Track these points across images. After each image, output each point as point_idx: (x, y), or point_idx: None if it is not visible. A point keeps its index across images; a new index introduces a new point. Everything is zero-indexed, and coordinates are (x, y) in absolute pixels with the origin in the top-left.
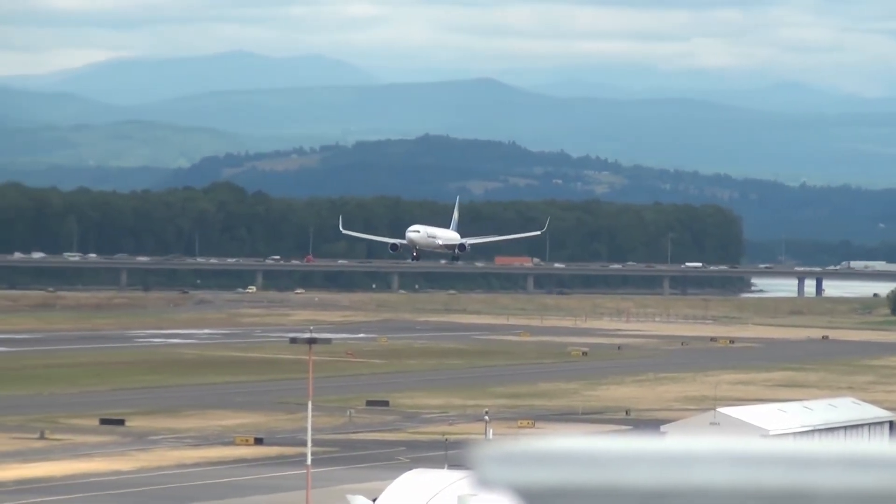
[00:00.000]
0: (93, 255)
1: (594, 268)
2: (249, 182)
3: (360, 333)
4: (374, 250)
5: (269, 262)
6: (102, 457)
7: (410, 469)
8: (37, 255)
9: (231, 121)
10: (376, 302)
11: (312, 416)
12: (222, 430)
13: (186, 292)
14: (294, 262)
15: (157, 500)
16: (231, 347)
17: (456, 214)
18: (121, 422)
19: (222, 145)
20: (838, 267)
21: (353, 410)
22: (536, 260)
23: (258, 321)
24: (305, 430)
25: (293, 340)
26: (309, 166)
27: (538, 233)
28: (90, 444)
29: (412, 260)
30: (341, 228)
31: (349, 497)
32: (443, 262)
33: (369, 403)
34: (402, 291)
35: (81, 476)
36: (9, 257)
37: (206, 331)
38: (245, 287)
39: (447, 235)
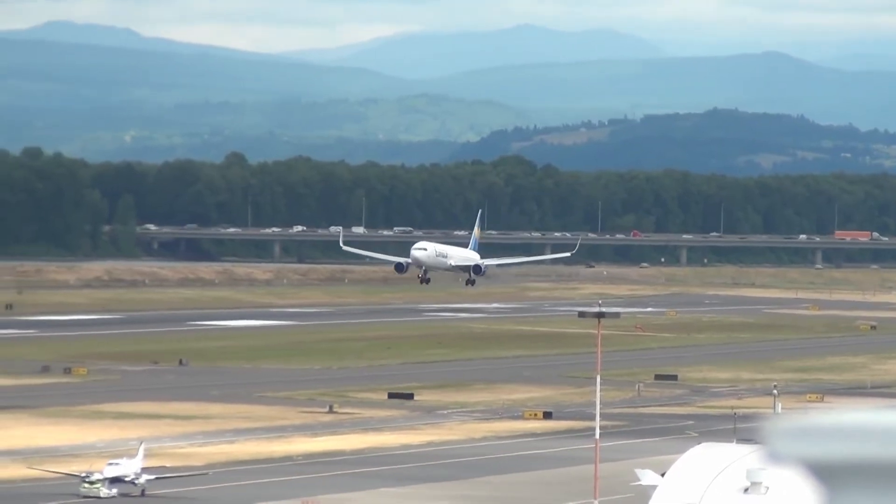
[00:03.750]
0: (413, 230)
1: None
2: (538, 155)
3: (648, 307)
4: (662, 224)
5: (557, 234)
6: (391, 431)
7: (699, 443)
8: (357, 230)
9: (519, 94)
10: (665, 276)
11: (601, 390)
12: (511, 404)
13: (592, 266)
14: (592, 235)
15: (448, 471)
16: (519, 321)
17: (477, 230)
18: (410, 396)
19: (511, 119)
20: None
21: (641, 384)
22: (875, 234)
23: (546, 295)
24: (594, 404)
25: (582, 314)
26: (597, 140)
27: (567, 254)
28: (379, 419)
29: (421, 283)
30: (341, 245)
31: (638, 471)
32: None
33: (658, 377)
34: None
35: (370, 450)
36: (309, 231)
37: (495, 305)
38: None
39: (461, 255)
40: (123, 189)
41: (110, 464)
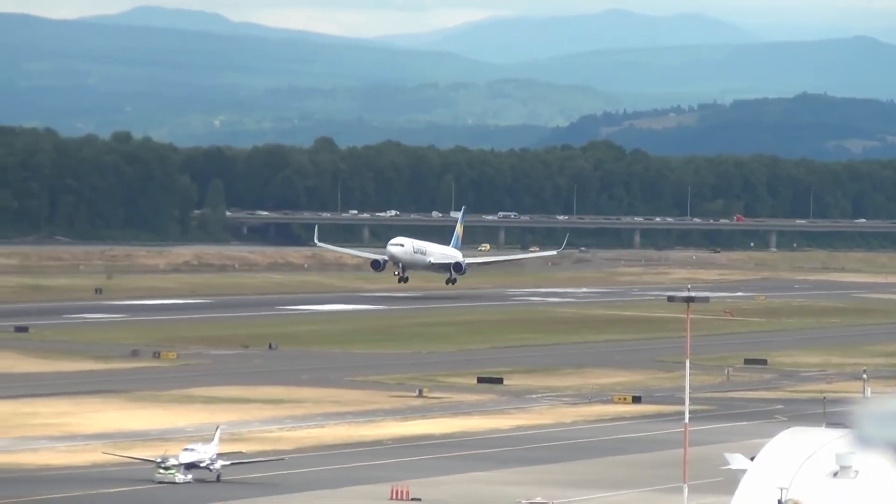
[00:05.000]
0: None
1: None
2: (627, 140)
3: (738, 292)
4: (751, 208)
5: (658, 220)
6: (480, 415)
7: (788, 427)
8: (455, 215)
9: (609, 79)
10: (754, 260)
11: (690, 374)
12: (600, 389)
13: (718, 251)
14: (697, 220)
15: (537, 455)
16: (608, 306)
17: (459, 228)
18: (499, 380)
19: (600, 104)
20: None
21: (730, 369)
22: None
23: (636, 280)
24: (683, 388)
25: (671, 299)
26: (687, 124)
27: (554, 252)
28: (468, 403)
29: (399, 281)
30: (316, 241)
31: (727, 455)
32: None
33: (747, 362)
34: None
35: (460, 434)
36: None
37: (584, 289)
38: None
39: (440, 252)
40: (213, 174)
41: (186, 449)
